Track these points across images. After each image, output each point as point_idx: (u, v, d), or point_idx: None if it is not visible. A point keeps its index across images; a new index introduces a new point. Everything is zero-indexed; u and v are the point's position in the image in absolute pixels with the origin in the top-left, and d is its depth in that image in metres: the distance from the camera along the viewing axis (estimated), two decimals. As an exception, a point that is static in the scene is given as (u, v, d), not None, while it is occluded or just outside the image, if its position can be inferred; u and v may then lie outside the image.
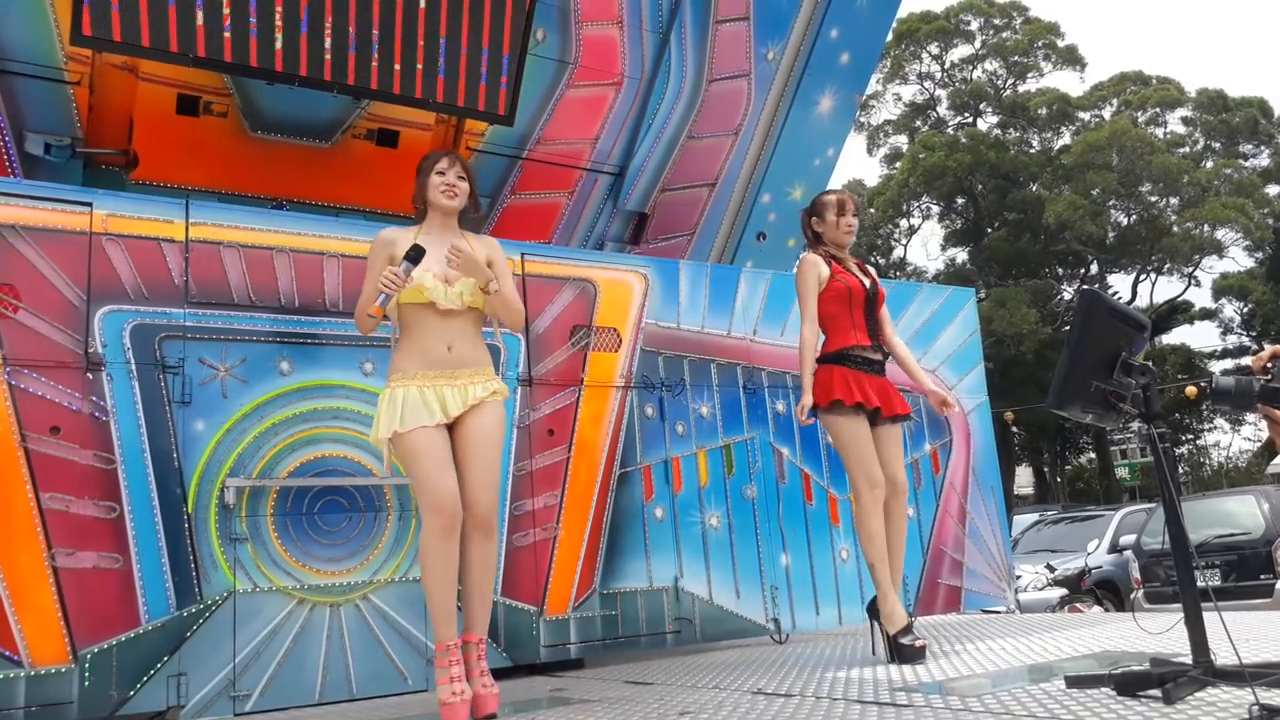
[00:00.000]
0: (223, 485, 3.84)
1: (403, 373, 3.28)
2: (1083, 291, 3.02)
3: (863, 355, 4.14)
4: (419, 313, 3.31)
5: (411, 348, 3.31)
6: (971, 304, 6.32)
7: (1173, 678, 2.60)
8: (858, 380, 4.05)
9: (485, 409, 3.32)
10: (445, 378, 3.28)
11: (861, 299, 4.19)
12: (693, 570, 4.88)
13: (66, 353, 3.67)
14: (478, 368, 3.37)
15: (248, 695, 3.73)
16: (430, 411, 3.22)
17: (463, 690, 3.10)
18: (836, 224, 4.29)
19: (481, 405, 3.31)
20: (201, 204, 4.17)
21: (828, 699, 3.13)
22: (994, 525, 5.95)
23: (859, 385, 4.03)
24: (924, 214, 35.43)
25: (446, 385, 3.28)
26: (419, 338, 3.31)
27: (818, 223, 4.35)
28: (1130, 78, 35.06)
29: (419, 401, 3.22)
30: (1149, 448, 2.81)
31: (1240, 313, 34.87)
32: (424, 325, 3.31)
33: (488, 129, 5.81)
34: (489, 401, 3.33)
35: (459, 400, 3.28)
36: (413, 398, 3.22)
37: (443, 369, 3.29)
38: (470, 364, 3.35)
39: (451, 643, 3.15)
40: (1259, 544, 9.01)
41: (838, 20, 6.61)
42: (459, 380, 3.30)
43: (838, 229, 4.29)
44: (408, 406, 3.21)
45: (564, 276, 4.85)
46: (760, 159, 6.81)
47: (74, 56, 4.80)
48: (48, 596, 3.47)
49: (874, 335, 4.19)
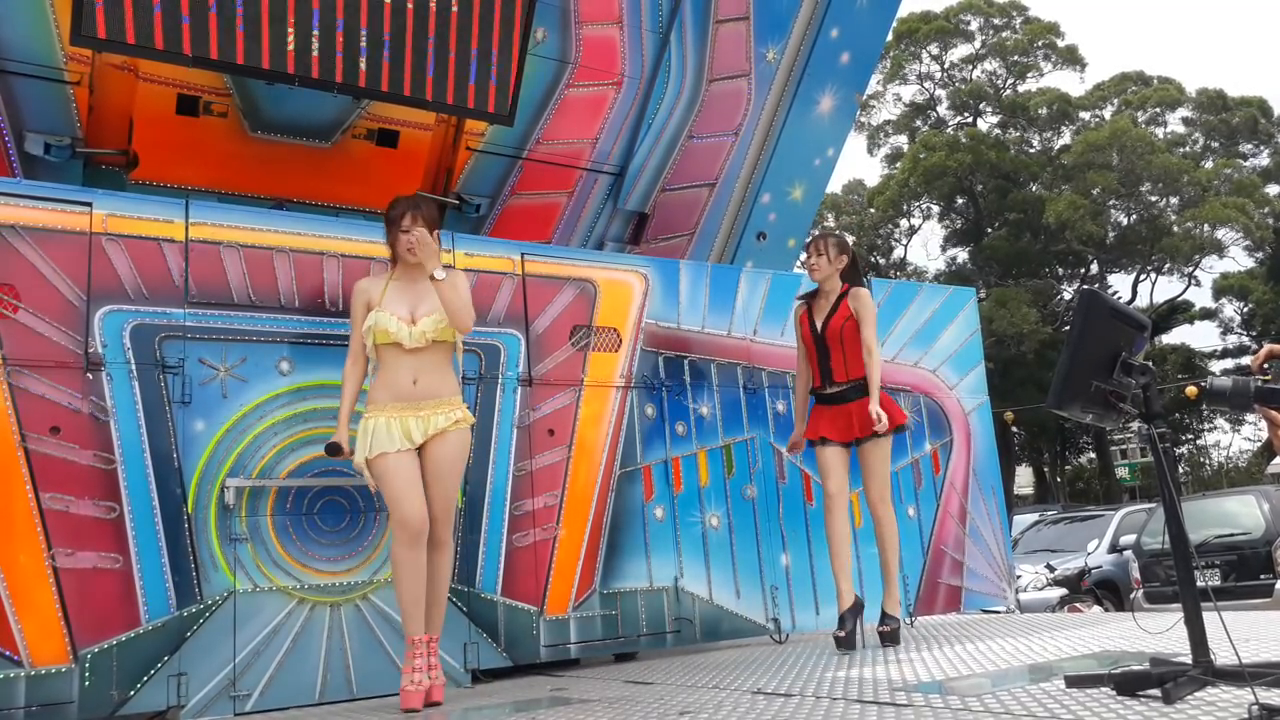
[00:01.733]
0: (223, 485, 3.84)
1: (376, 404, 3.69)
2: (1083, 291, 3.02)
3: (822, 394, 4.69)
4: (389, 350, 3.71)
5: (384, 381, 3.72)
6: (972, 304, 6.33)
7: (1172, 677, 2.60)
8: (817, 417, 4.68)
9: (447, 438, 3.69)
10: (410, 409, 3.66)
11: (812, 344, 4.70)
12: (693, 570, 4.89)
13: (66, 353, 3.67)
14: (443, 398, 3.73)
15: (248, 695, 3.73)
16: (393, 439, 3.60)
17: (421, 680, 3.59)
18: (804, 265, 4.83)
19: (444, 434, 3.68)
20: (201, 204, 4.18)
21: (828, 699, 3.13)
22: (994, 525, 5.95)
23: (815, 423, 4.68)
24: (924, 214, 35.45)
25: (411, 416, 3.65)
26: (389, 372, 3.71)
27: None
28: (1130, 78, 35.07)
29: (385, 431, 3.61)
30: (1149, 448, 2.81)
31: (1240, 312, 34.89)
32: (394, 361, 3.71)
33: (488, 129, 5.81)
34: (451, 431, 3.70)
35: (421, 430, 3.65)
36: (380, 428, 3.62)
37: (408, 401, 3.67)
38: (435, 395, 3.71)
39: (417, 638, 3.60)
40: (1259, 544, 9.01)
41: (838, 20, 6.61)
42: (423, 411, 3.67)
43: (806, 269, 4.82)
44: (375, 436, 3.61)
45: (564, 276, 4.85)
46: (760, 159, 6.81)
47: (74, 56, 4.79)
48: (48, 596, 3.47)
49: (826, 375, 4.65)
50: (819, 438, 4.63)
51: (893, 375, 5.78)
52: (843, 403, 4.59)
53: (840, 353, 4.60)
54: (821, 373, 4.66)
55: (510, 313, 4.65)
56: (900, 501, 5.60)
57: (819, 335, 4.65)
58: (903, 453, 5.69)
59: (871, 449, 4.58)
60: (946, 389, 5.98)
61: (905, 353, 5.88)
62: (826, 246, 4.71)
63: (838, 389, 4.61)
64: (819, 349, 4.66)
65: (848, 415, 4.57)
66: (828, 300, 4.70)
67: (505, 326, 4.61)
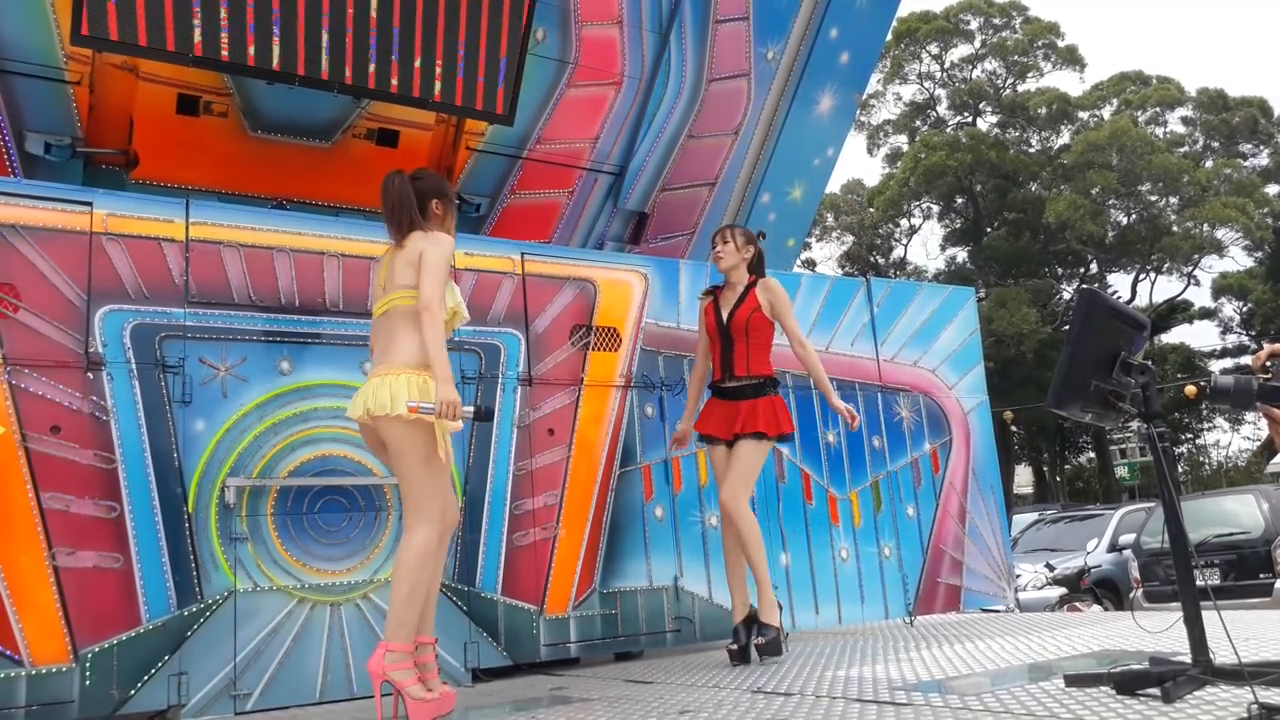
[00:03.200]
0: (223, 485, 3.85)
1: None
2: (1082, 291, 3.02)
3: (719, 387, 4.54)
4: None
5: None
6: (971, 303, 6.33)
7: (1172, 676, 2.61)
8: (708, 411, 4.54)
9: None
10: None
11: (716, 334, 4.56)
12: (692, 569, 4.89)
13: (67, 352, 3.67)
14: None
15: (248, 694, 3.74)
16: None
17: (437, 685, 3.32)
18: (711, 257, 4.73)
19: None
20: (202, 204, 4.18)
21: (827, 698, 3.13)
22: (994, 524, 5.95)
23: (706, 417, 4.54)
24: (924, 214, 35.44)
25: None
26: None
27: None
28: (1130, 77, 35.05)
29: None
30: (1148, 447, 2.81)
31: (1240, 312, 34.87)
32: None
33: (488, 128, 5.81)
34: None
35: None
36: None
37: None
38: None
39: (429, 640, 3.35)
40: (1258, 543, 9.01)
41: (837, 20, 6.62)
42: None
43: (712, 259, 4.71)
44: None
45: (564, 276, 4.85)
46: (760, 159, 6.82)
47: (74, 56, 4.80)
48: (48, 596, 3.48)
49: (727, 368, 4.50)
50: (707, 434, 4.48)
51: (892, 374, 5.79)
52: (737, 399, 4.43)
53: (745, 345, 4.47)
54: (723, 365, 4.50)
55: (510, 312, 4.65)
56: (900, 501, 5.61)
57: (724, 326, 4.51)
58: (902, 452, 5.70)
59: (745, 444, 4.34)
60: (946, 388, 5.98)
61: (904, 352, 5.88)
62: (733, 235, 4.62)
63: (736, 383, 4.45)
64: (723, 340, 4.50)
65: (736, 411, 4.40)
66: (734, 291, 4.57)
67: (505, 326, 4.62)
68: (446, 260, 3.40)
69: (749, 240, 4.66)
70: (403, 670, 3.19)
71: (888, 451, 5.64)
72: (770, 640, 4.19)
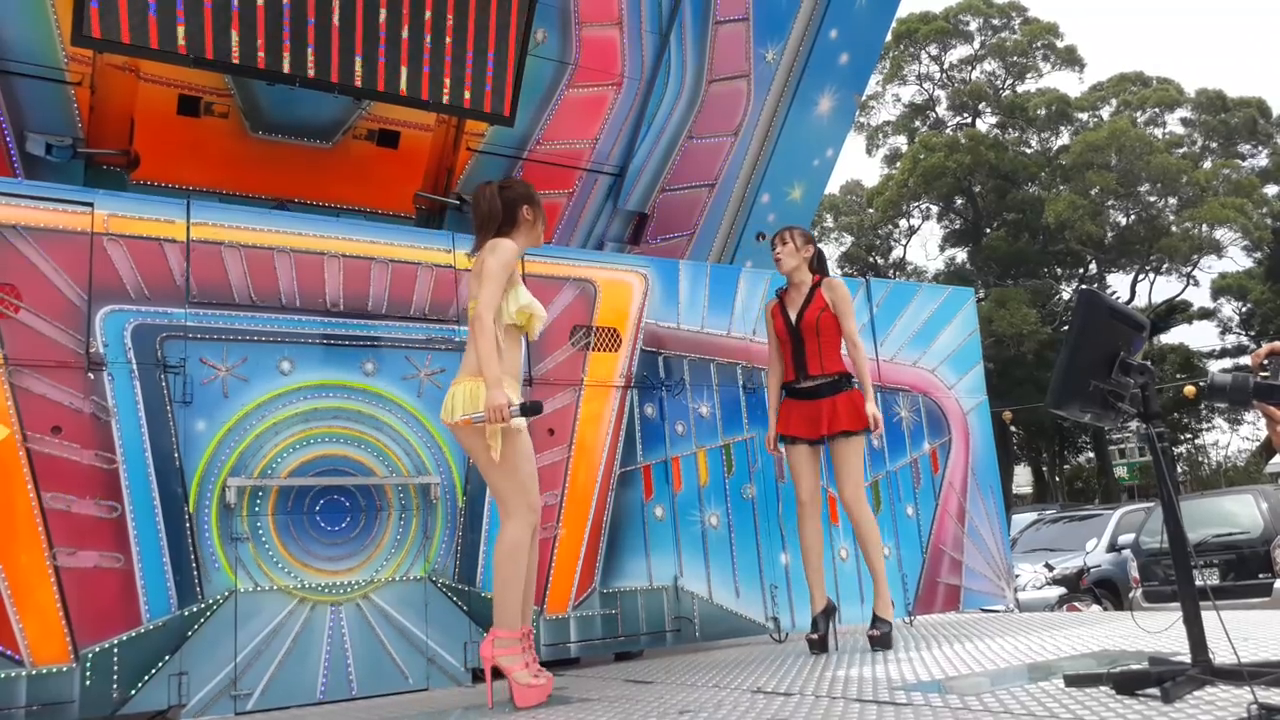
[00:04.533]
0: (224, 485, 3.85)
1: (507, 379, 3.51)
2: (1081, 291, 3.02)
3: (795, 388, 4.59)
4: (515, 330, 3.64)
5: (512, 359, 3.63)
6: (971, 304, 6.34)
7: (1171, 677, 2.61)
8: (787, 412, 4.58)
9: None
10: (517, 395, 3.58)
11: (787, 336, 4.61)
12: (692, 569, 4.89)
13: (68, 353, 3.68)
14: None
15: (249, 694, 3.74)
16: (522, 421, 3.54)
17: (539, 671, 3.46)
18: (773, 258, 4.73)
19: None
20: (202, 204, 4.18)
21: (827, 698, 3.13)
22: (993, 524, 5.96)
23: (785, 418, 4.59)
24: (923, 214, 35.46)
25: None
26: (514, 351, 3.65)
27: None
28: (1129, 78, 35.08)
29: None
30: (1147, 447, 2.82)
31: (1239, 312, 34.88)
32: (515, 342, 3.66)
33: (488, 129, 5.82)
34: None
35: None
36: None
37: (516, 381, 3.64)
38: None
39: (529, 629, 3.50)
40: (1257, 543, 9.01)
41: (837, 21, 6.63)
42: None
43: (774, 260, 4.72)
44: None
45: (564, 276, 4.86)
46: (760, 159, 6.82)
47: (75, 57, 4.80)
48: (49, 596, 3.48)
49: (800, 368, 4.55)
50: (789, 435, 4.54)
51: (891, 374, 5.79)
52: (816, 398, 4.49)
53: (816, 344, 4.51)
54: (795, 366, 4.55)
55: (510, 313, 4.64)
56: (899, 501, 5.62)
57: (794, 327, 4.55)
58: (901, 452, 5.71)
59: (844, 446, 4.45)
60: (945, 389, 5.99)
61: (904, 352, 5.89)
62: (792, 235, 4.67)
63: (812, 383, 4.51)
64: (794, 341, 4.55)
65: (818, 411, 4.47)
66: (800, 292, 4.63)
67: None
68: (505, 267, 3.55)
69: (808, 240, 4.70)
70: (510, 655, 3.39)
71: (887, 451, 5.64)
72: (884, 634, 4.33)
